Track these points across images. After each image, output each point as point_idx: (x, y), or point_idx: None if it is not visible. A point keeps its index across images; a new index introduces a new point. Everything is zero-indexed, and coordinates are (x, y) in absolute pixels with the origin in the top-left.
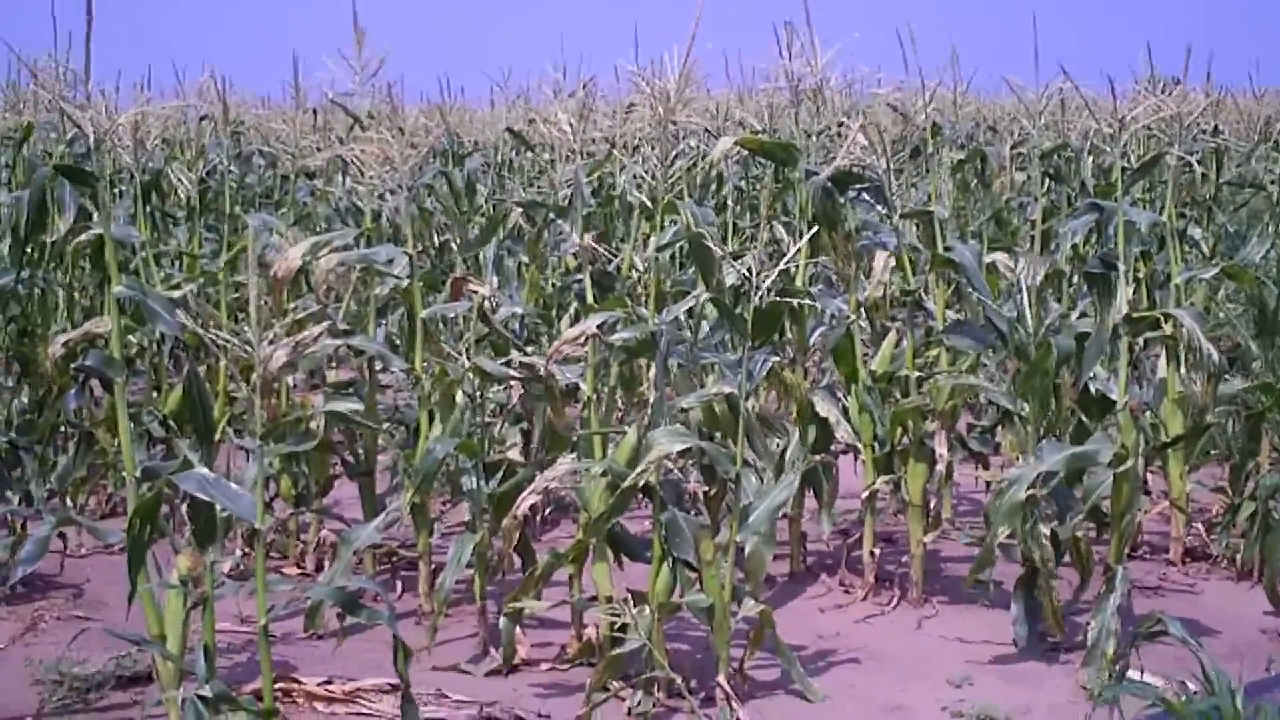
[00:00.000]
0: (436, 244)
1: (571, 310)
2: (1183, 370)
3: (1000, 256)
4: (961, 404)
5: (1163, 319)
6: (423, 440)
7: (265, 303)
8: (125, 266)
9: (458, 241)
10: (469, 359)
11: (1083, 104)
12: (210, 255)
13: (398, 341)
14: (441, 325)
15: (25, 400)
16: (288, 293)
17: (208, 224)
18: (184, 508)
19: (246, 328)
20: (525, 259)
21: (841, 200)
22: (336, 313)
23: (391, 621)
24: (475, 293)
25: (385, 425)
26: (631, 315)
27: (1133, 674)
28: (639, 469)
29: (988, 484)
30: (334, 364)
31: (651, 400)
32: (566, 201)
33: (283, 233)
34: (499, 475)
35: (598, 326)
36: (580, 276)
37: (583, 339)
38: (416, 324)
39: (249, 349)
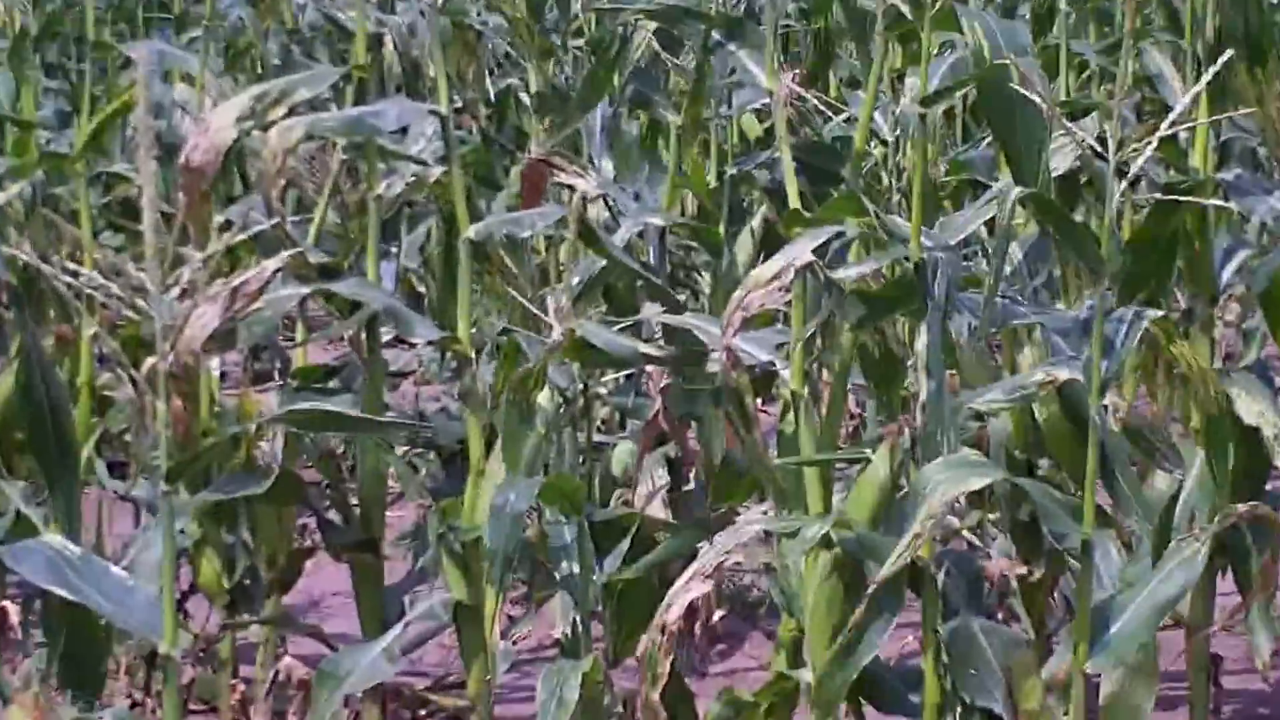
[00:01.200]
0: (493, 96)
1: (756, 223)
2: None
3: None
4: None
5: None
6: (476, 479)
7: (169, 214)
8: None
9: (534, 91)
10: (562, 322)
11: None
12: (56, 123)
13: (422, 288)
14: (507, 257)
15: None
16: (213, 196)
17: (49, 63)
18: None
19: (133, 264)
20: (669, 123)
21: None
22: (304, 234)
23: None
24: (569, 189)
25: (402, 450)
26: (876, 230)
27: None
28: (903, 541)
29: None
30: (301, 332)
31: (920, 397)
32: (742, 8)
33: (197, 78)
34: (623, 545)
35: (813, 254)
36: (774, 154)
37: (785, 280)
38: (458, 254)
39: (140, 303)
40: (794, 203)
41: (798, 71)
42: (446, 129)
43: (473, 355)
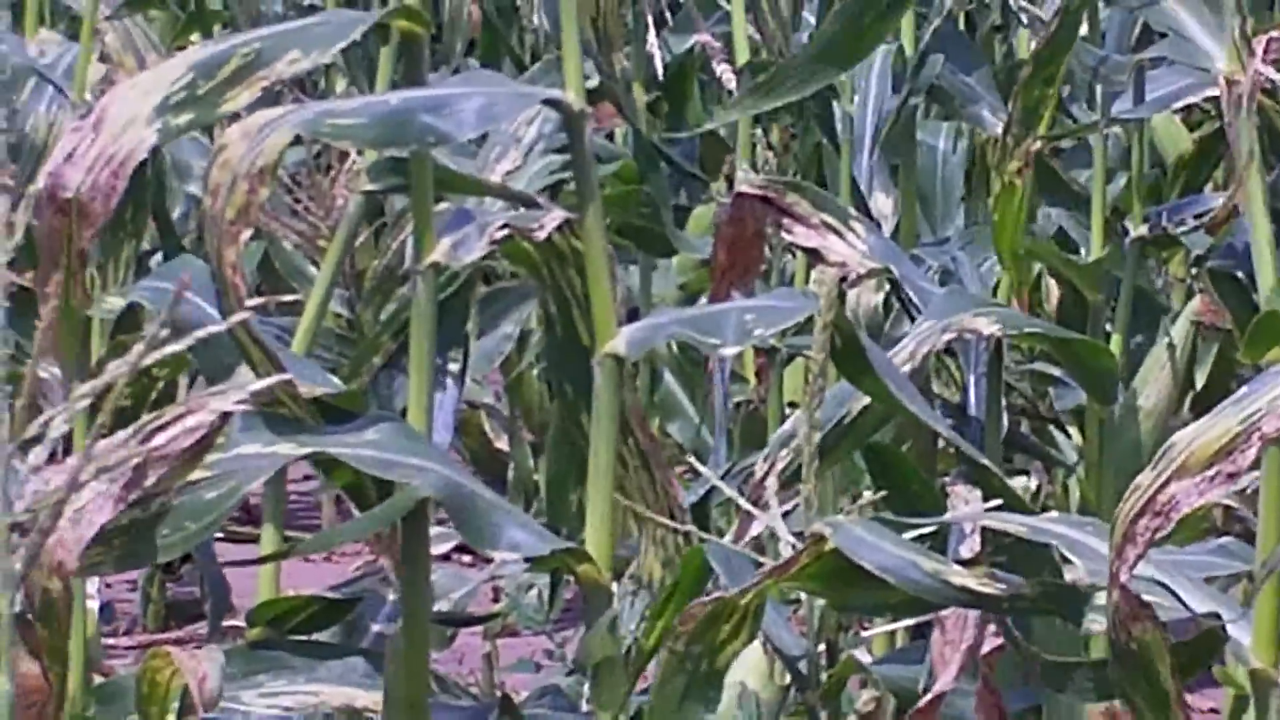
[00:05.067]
0: (660, 68)
1: (1179, 332)
2: None
3: None
4: None
5: None
6: None
7: (25, 291)
8: None
9: (744, 60)
10: (804, 521)
11: None
12: None
13: (504, 443)
14: (679, 389)
15: None
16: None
17: None
18: None
19: None
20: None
21: None
22: (285, 336)
23: None
24: (812, 256)
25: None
26: None
27: None
28: None
29: None
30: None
31: None
32: None
33: (84, 21)
34: None
35: None
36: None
37: (1247, 456)
38: (588, 381)
39: None
40: (1265, 294)
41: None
42: (576, 132)
43: (612, 585)
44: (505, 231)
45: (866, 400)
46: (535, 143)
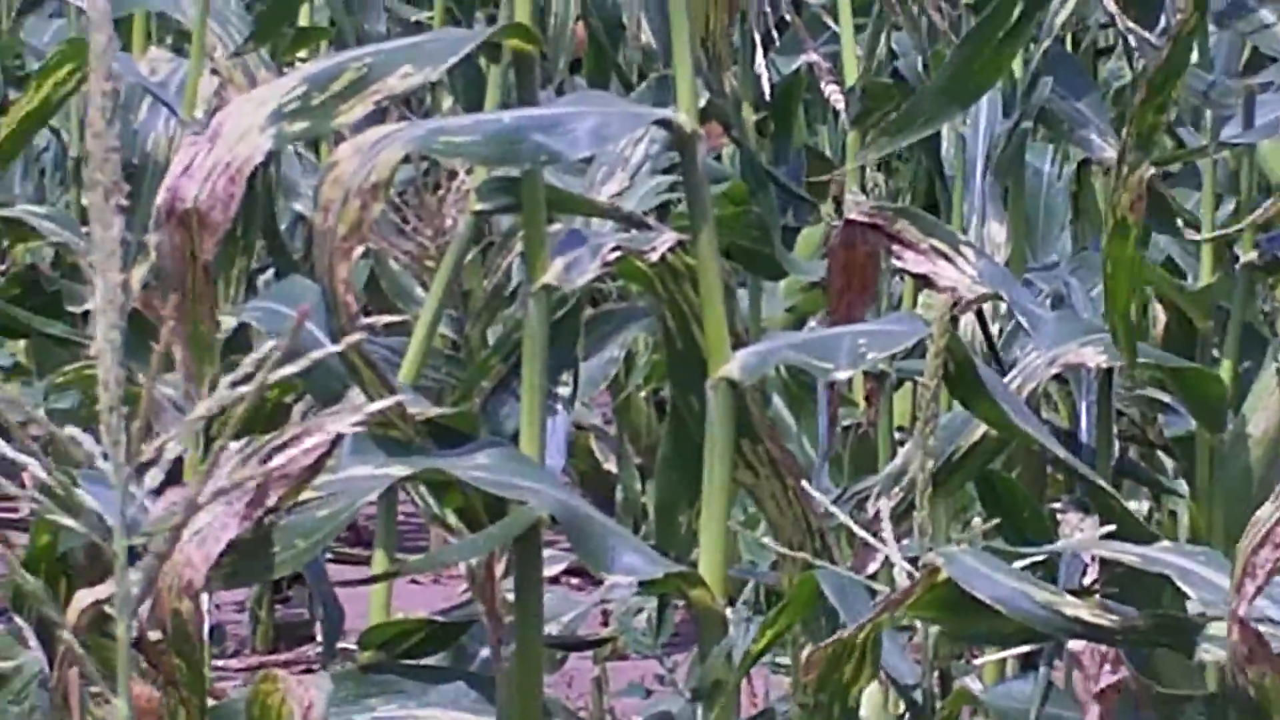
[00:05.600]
0: (767, 89)
1: None
2: None
3: None
4: None
5: None
6: None
7: (137, 316)
8: None
9: (854, 82)
10: (919, 548)
11: None
12: None
13: (612, 465)
14: (790, 415)
15: None
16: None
17: None
18: None
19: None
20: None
21: None
22: (394, 359)
23: None
24: (921, 282)
25: None
26: None
27: None
28: None
29: None
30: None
31: None
32: None
33: (194, 35)
34: None
35: None
36: None
37: None
38: (701, 405)
39: (81, 500)
40: None
41: None
42: (689, 153)
43: (726, 609)
44: (618, 254)
45: (981, 431)
46: (643, 163)
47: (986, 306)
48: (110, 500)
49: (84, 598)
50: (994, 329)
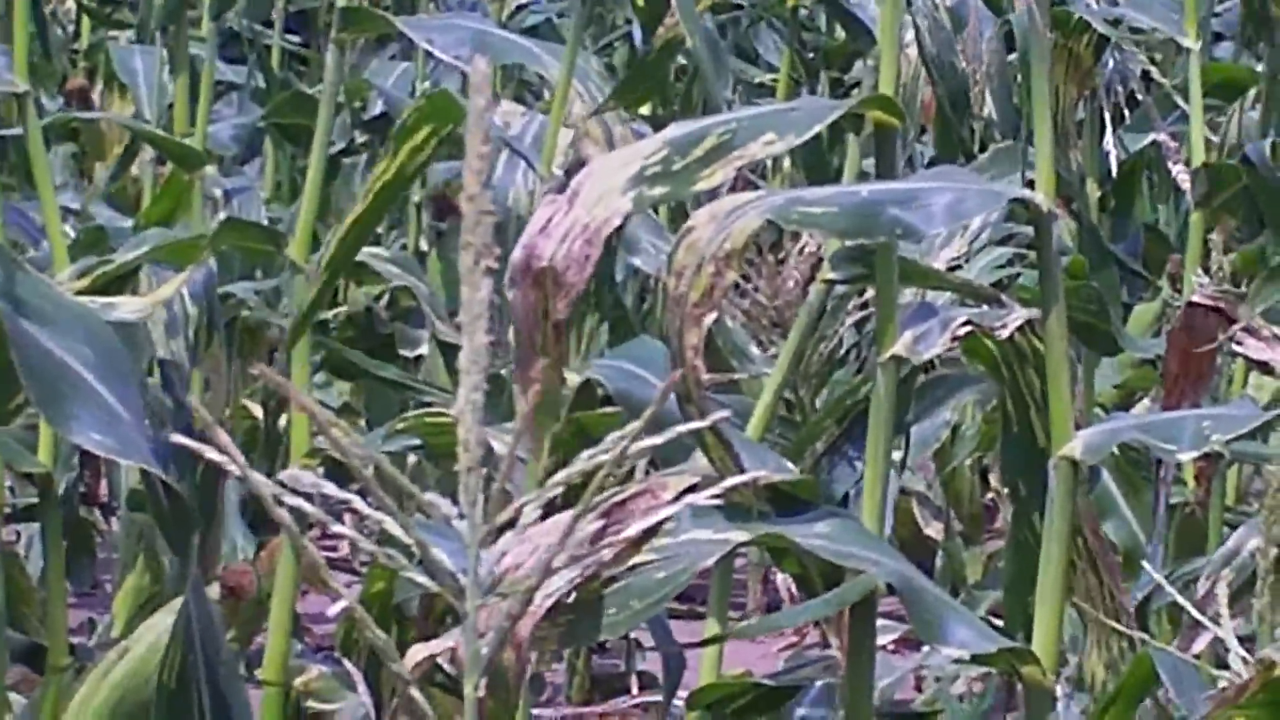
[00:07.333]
0: (1114, 164)
1: None
2: None
3: None
4: None
5: None
6: None
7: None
8: None
9: (1200, 160)
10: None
11: None
12: (237, 148)
13: (932, 530)
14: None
15: None
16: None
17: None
18: None
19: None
20: None
21: None
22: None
23: None
24: (1261, 369)
25: None
26: None
27: None
28: None
29: None
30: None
31: None
32: None
33: (556, 90)
34: None
35: None
36: None
37: None
38: (1041, 481)
39: (437, 560)
40: None
41: None
42: (1044, 232)
43: (1056, 691)
44: (968, 328)
45: None
46: (981, 230)
47: None
48: (459, 555)
49: (422, 650)
50: None
